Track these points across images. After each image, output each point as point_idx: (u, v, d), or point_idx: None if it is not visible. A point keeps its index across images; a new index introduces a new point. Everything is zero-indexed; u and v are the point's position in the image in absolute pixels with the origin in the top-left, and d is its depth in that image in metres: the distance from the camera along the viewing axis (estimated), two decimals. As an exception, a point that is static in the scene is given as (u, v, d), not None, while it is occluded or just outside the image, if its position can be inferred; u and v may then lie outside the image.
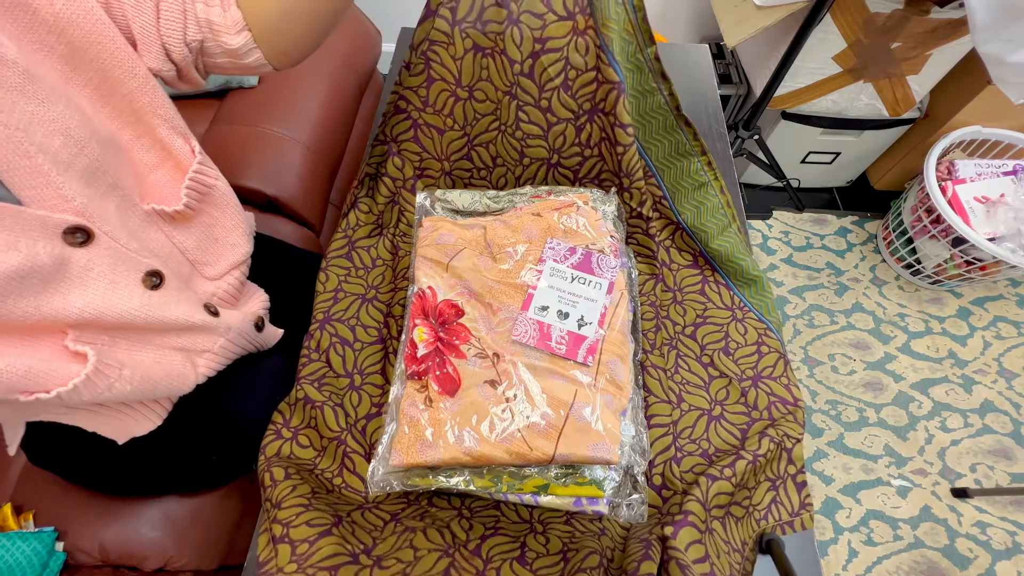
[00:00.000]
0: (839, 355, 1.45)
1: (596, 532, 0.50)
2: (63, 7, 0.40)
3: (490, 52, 0.57)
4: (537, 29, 0.55)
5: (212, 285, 0.57)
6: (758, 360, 0.59)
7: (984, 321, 1.51)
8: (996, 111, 1.37)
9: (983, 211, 1.36)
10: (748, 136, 1.41)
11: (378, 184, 0.68)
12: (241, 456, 0.65)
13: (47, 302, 0.39)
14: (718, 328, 0.61)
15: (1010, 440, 1.35)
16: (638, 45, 0.58)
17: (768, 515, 0.53)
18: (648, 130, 0.65)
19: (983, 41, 0.85)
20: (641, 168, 0.61)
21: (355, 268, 0.65)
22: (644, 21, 0.57)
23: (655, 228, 0.65)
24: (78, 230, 0.41)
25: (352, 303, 0.61)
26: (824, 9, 1.07)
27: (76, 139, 0.40)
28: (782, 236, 1.64)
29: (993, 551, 1.21)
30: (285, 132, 1.02)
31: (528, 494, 0.48)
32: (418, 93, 0.62)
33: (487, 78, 0.59)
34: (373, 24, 1.33)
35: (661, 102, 0.63)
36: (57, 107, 0.39)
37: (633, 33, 0.57)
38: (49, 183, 0.39)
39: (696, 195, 0.66)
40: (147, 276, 0.47)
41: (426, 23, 0.58)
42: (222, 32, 0.48)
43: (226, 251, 0.58)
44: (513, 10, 0.54)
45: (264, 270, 0.66)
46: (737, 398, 0.58)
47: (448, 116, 0.63)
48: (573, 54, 0.56)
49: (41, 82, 0.39)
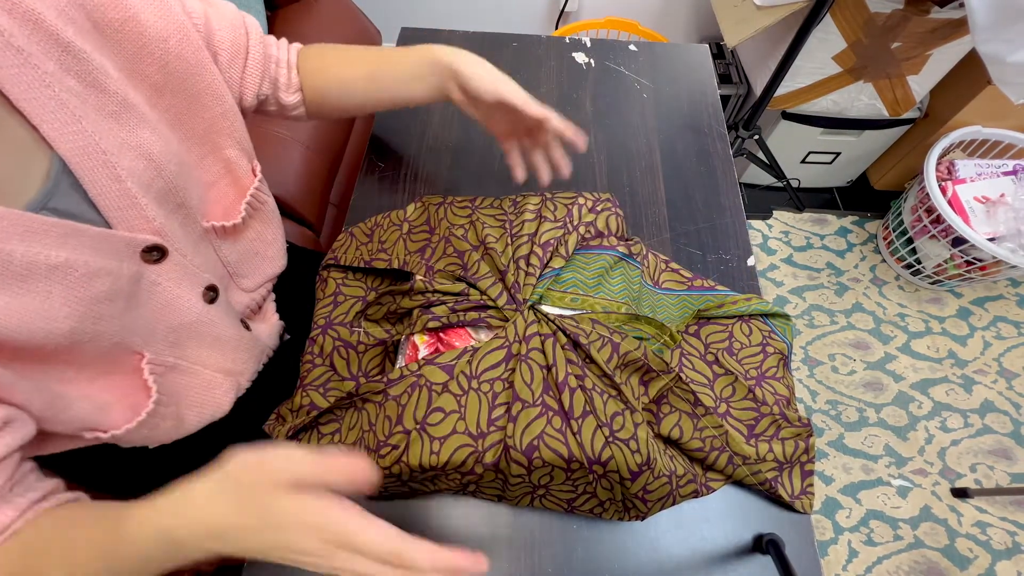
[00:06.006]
0: (839, 355, 1.45)
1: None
2: (176, 44, 0.43)
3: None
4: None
5: (247, 298, 0.59)
6: (763, 360, 0.59)
7: (984, 321, 1.51)
8: (996, 111, 1.37)
9: (983, 211, 1.36)
10: (748, 136, 1.41)
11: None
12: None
13: (126, 318, 0.41)
14: (722, 328, 0.61)
15: (1010, 440, 1.35)
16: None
17: (773, 484, 0.53)
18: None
19: (983, 41, 0.85)
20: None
21: (352, 271, 0.65)
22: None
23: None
24: (155, 248, 0.43)
25: (352, 305, 0.61)
26: (824, 9, 1.07)
27: (157, 163, 0.42)
28: (782, 236, 1.64)
29: (993, 551, 1.21)
30: (285, 132, 1.02)
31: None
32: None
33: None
34: (373, 24, 1.33)
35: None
36: (144, 133, 0.42)
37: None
38: (134, 205, 0.41)
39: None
40: (206, 291, 0.49)
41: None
42: (282, 90, 0.56)
43: (264, 265, 0.60)
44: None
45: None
46: (744, 394, 0.57)
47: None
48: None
49: (134, 110, 0.41)
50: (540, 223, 0.54)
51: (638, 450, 0.44)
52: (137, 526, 0.33)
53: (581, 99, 0.81)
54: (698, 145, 0.77)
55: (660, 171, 0.74)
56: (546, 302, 0.51)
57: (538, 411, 0.44)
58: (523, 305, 0.49)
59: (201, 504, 0.32)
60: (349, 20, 1.27)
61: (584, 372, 0.46)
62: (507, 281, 0.50)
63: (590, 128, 0.78)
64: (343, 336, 0.57)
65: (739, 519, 0.53)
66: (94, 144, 0.38)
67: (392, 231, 0.62)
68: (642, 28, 1.47)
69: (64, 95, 0.36)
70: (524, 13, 1.68)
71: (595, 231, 0.57)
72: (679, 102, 0.82)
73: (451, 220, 0.58)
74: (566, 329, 0.47)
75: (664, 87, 0.84)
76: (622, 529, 0.53)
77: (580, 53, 0.87)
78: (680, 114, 0.81)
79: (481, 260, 0.52)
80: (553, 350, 0.46)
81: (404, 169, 0.73)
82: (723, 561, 0.51)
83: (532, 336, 0.47)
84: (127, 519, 0.34)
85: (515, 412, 0.44)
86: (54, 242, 0.35)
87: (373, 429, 0.47)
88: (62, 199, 0.37)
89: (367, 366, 0.57)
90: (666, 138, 0.78)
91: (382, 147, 0.76)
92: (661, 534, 0.52)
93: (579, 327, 0.47)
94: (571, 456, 0.43)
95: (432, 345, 0.51)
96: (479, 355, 0.47)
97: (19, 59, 0.34)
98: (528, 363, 0.46)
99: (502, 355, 0.46)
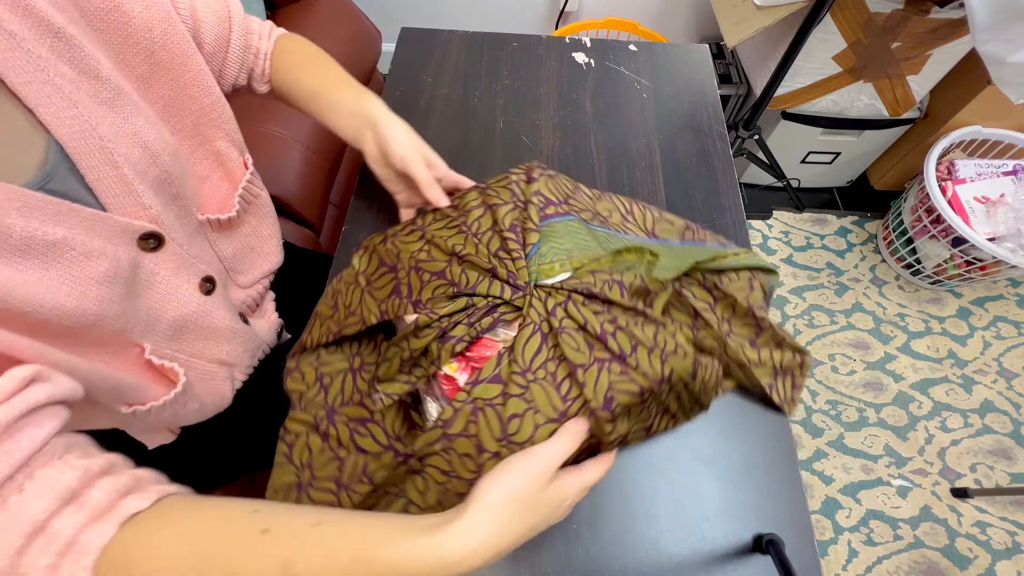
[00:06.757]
0: (839, 355, 1.45)
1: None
2: (162, 34, 0.43)
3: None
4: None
5: (243, 294, 0.59)
6: (750, 294, 0.61)
7: (984, 321, 1.51)
8: (996, 111, 1.37)
9: (983, 211, 1.36)
10: (748, 136, 1.41)
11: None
12: (244, 456, 0.65)
13: (126, 306, 0.41)
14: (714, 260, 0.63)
15: (1010, 440, 1.35)
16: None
17: (768, 388, 0.56)
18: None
19: (983, 41, 0.85)
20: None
21: (325, 347, 0.57)
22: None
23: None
24: (151, 236, 0.44)
25: (344, 381, 0.56)
26: (824, 9, 1.07)
27: (152, 151, 0.43)
28: (782, 236, 1.64)
29: (993, 551, 1.21)
30: (285, 132, 1.02)
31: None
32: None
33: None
34: (373, 24, 1.33)
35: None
36: (138, 120, 0.42)
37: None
38: (131, 191, 0.41)
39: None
40: (203, 281, 0.50)
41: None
42: (255, 80, 0.57)
43: (260, 260, 0.61)
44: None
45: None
46: (744, 312, 0.59)
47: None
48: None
49: (128, 97, 0.42)
50: (493, 211, 0.54)
51: (687, 353, 0.49)
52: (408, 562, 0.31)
53: (581, 99, 0.81)
54: (698, 145, 0.77)
55: (660, 171, 0.74)
56: (542, 277, 0.51)
57: (597, 367, 0.46)
58: (529, 287, 0.49)
59: (492, 540, 0.33)
60: (349, 20, 1.26)
61: (612, 315, 0.48)
62: (500, 275, 0.50)
63: (590, 128, 0.78)
64: (355, 415, 0.53)
65: (739, 519, 0.53)
66: (91, 129, 0.38)
67: (353, 291, 0.56)
68: (642, 28, 1.47)
69: (59, 80, 0.37)
70: (524, 13, 1.68)
71: (544, 199, 0.56)
72: (679, 102, 0.82)
73: (407, 250, 0.54)
74: (576, 288, 0.48)
75: (664, 87, 0.84)
76: (622, 529, 0.53)
77: (580, 53, 0.87)
78: (680, 114, 0.81)
79: (464, 270, 0.50)
80: (578, 310, 0.47)
81: (404, 169, 0.73)
82: (723, 561, 0.51)
83: (555, 308, 0.48)
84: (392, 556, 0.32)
85: (581, 378, 0.45)
86: (51, 219, 0.35)
87: (455, 474, 0.46)
88: (60, 183, 0.37)
89: (394, 430, 0.53)
90: (666, 138, 0.78)
91: (382, 147, 0.76)
92: (661, 534, 0.52)
93: (583, 283, 0.49)
94: (642, 389, 0.46)
95: (466, 368, 0.49)
96: (518, 350, 0.46)
97: (12, 43, 0.34)
98: (565, 333, 0.46)
99: (538, 339, 0.47)
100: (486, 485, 0.35)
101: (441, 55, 0.85)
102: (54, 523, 0.29)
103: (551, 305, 0.47)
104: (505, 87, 0.81)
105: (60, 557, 0.29)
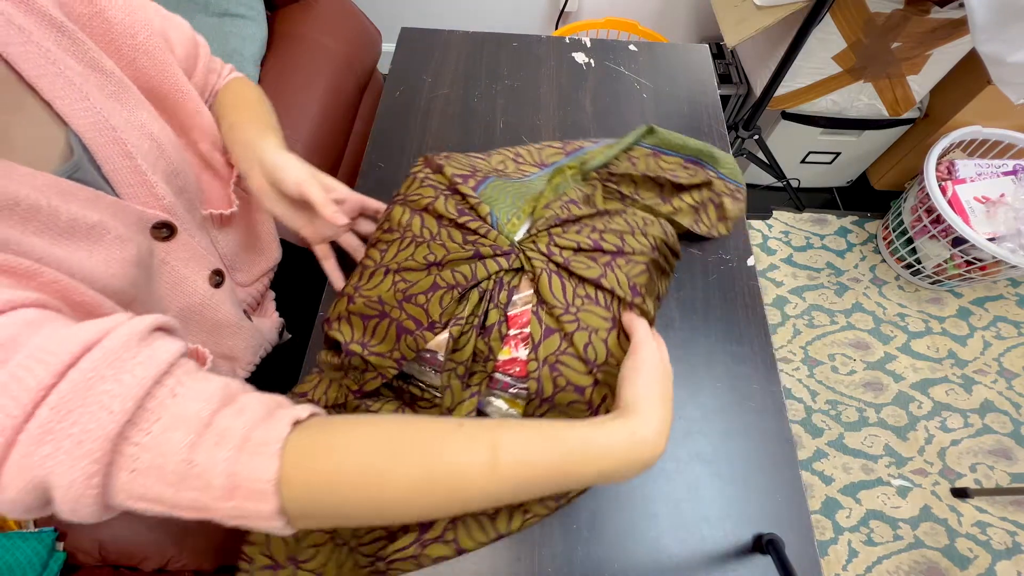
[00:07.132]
0: (839, 355, 1.45)
1: None
2: (144, 39, 0.44)
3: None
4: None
5: (244, 292, 0.60)
6: (632, 166, 0.66)
7: (984, 321, 1.51)
8: (996, 111, 1.37)
9: (983, 211, 1.36)
10: (748, 136, 1.41)
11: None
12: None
13: (144, 292, 0.42)
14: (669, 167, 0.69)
15: (1010, 440, 1.35)
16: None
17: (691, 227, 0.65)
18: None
19: (983, 41, 0.85)
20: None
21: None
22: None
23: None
24: (164, 225, 0.45)
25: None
26: (824, 9, 1.07)
27: (159, 144, 0.44)
28: (782, 236, 1.64)
29: (993, 551, 1.21)
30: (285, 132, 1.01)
31: None
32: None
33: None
34: (373, 24, 1.33)
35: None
36: (143, 114, 0.43)
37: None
38: (145, 182, 0.42)
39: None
40: (212, 274, 0.51)
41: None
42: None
43: (257, 259, 0.61)
44: None
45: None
46: (642, 180, 0.65)
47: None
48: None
49: (131, 90, 0.43)
50: (430, 211, 0.54)
51: (651, 220, 0.59)
52: (598, 435, 0.35)
53: (581, 99, 0.81)
54: (698, 145, 0.77)
55: (660, 171, 0.74)
56: (512, 235, 0.53)
57: (609, 269, 0.51)
58: (516, 247, 0.51)
59: (666, 423, 0.37)
60: (349, 20, 1.26)
61: (589, 225, 0.54)
62: (486, 253, 0.50)
63: (590, 128, 0.78)
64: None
65: (739, 519, 0.53)
66: (104, 121, 0.39)
67: (352, 359, 0.51)
68: (642, 28, 1.47)
69: (69, 73, 0.38)
70: (524, 13, 1.68)
71: (461, 177, 0.57)
72: (679, 102, 0.82)
73: (383, 291, 0.51)
74: (549, 225, 0.53)
75: (664, 87, 0.84)
76: (622, 529, 0.53)
77: (580, 53, 0.87)
78: (680, 114, 0.81)
79: (452, 271, 0.50)
80: (564, 238, 0.52)
81: (404, 169, 0.73)
82: (723, 561, 0.51)
83: (548, 248, 0.51)
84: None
85: (607, 285, 0.50)
86: (84, 205, 0.37)
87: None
88: (84, 173, 0.39)
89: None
90: (666, 138, 0.78)
91: (382, 147, 0.76)
92: (661, 534, 0.52)
93: (548, 219, 0.54)
94: (646, 264, 0.54)
95: (516, 345, 0.49)
96: (547, 295, 0.49)
97: (22, 36, 0.35)
98: (571, 261, 0.51)
99: (556, 279, 0.50)
100: (631, 389, 0.38)
101: (441, 55, 0.85)
102: (219, 420, 0.29)
103: (543, 247, 0.51)
104: (505, 87, 0.81)
105: (238, 451, 0.28)
